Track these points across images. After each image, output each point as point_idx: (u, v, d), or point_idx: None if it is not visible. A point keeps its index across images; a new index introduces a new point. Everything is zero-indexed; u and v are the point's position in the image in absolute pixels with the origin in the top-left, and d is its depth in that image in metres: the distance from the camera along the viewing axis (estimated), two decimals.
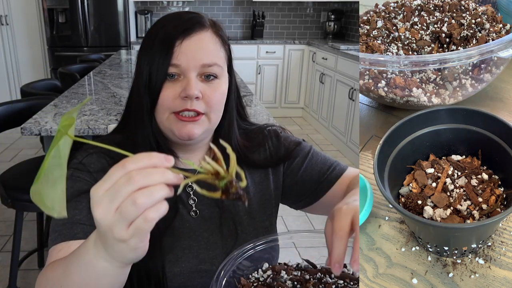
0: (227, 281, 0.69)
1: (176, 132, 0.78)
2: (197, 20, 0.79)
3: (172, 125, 0.78)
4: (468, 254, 0.77)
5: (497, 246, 0.78)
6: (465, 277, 0.75)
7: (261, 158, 0.92)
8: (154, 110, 0.79)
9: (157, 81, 0.76)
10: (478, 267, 0.76)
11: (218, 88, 0.79)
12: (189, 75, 0.76)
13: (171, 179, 0.49)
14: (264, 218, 0.91)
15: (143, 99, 0.78)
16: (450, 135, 0.84)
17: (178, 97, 0.76)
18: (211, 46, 0.79)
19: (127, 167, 0.48)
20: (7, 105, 1.97)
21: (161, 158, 0.49)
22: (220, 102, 0.81)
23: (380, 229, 0.85)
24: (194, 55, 0.76)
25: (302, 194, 0.94)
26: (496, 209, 0.74)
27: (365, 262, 0.80)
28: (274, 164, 0.93)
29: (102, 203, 0.49)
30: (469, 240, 0.74)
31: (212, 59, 0.78)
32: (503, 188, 0.79)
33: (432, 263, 0.78)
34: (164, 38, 0.77)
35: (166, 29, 0.78)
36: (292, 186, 0.94)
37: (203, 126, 0.79)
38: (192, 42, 0.77)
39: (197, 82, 0.77)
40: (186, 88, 0.75)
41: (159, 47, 0.76)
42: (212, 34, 0.80)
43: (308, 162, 0.93)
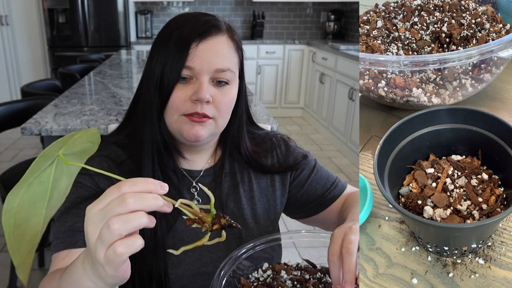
0: (227, 281, 0.69)
1: (184, 133, 0.78)
2: (214, 23, 0.78)
3: (181, 126, 0.78)
4: (468, 254, 0.77)
5: (497, 246, 0.78)
6: (465, 277, 0.75)
7: (269, 164, 0.93)
8: (164, 111, 0.78)
9: (169, 82, 0.76)
10: (478, 267, 0.76)
11: (228, 93, 0.79)
12: (201, 79, 0.76)
13: (162, 206, 0.50)
14: (268, 223, 0.92)
15: (153, 99, 0.78)
16: (450, 135, 0.84)
17: (189, 100, 0.76)
18: (226, 51, 0.78)
19: (122, 190, 0.49)
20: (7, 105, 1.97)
21: (157, 184, 0.50)
22: (229, 108, 0.81)
23: (380, 229, 0.85)
24: (209, 59, 0.76)
25: (304, 206, 0.96)
26: (496, 209, 0.74)
27: (365, 262, 0.80)
28: (282, 171, 0.93)
29: (94, 222, 0.49)
30: (469, 240, 0.74)
31: (226, 64, 0.77)
32: (503, 188, 0.79)
33: (432, 263, 0.78)
34: (180, 39, 0.76)
35: (183, 30, 0.77)
36: (296, 197, 0.95)
37: (209, 129, 0.79)
38: (208, 45, 0.76)
39: (209, 86, 0.76)
40: (198, 91, 0.75)
41: (174, 48, 0.76)
42: (228, 38, 0.79)
43: (314, 176, 0.95)
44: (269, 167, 0.92)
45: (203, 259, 0.84)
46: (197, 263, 0.84)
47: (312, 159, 0.97)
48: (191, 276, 0.83)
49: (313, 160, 0.97)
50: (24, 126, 1.66)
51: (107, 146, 0.84)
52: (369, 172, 0.95)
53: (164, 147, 0.81)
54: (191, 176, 0.87)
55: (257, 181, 0.91)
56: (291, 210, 0.99)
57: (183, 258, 0.83)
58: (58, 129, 1.66)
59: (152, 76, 0.78)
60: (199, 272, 0.84)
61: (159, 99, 0.77)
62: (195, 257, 0.84)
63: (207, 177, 0.88)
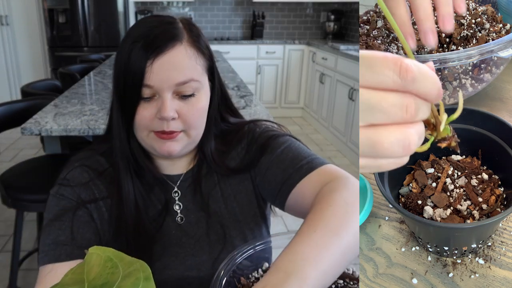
0: (227, 281, 0.69)
1: (157, 149, 0.76)
2: (169, 35, 0.73)
3: (152, 142, 0.76)
4: (468, 254, 0.77)
5: (497, 246, 0.78)
6: (465, 277, 0.75)
7: (236, 163, 0.86)
8: (133, 128, 0.77)
9: (131, 102, 0.73)
10: (478, 267, 0.76)
11: (195, 104, 0.75)
12: (163, 95, 0.72)
13: None
14: (249, 219, 0.87)
15: (119, 118, 0.77)
16: None
17: (155, 118, 0.73)
18: (186, 62, 0.73)
19: None
20: (7, 105, 1.97)
21: None
22: (199, 118, 0.77)
23: (380, 229, 0.85)
24: (167, 74, 0.72)
25: (271, 195, 0.83)
26: (496, 209, 0.74)
27: (365, 262, 0.80)
28: (246, 168, 0.86)
29: None
30: (469, 240, 0.74)
31: (187, 75, 0.73)
32: (503, 188, 0.79)
33: (432, 263, 0.78)
34: (135, 58, 0.72)
35: (137, 46, 0.72)
36: (260, 185, 0.85)
37: (182, 142, 0.77)
38: (164, 60, 0.71)
39: (172, 102, 0.73)
40: (161, 110, 0.72)
41: (130, 67, 0.72)
42: (187, 47, 0.74)
43: (274, 160, 0.81)
44: (234, 168, 0.86)
45: (187, 263, 0.83)
46: (181, 267, 0.82)
47: (280, 141, 0.83)
48: (176, 281, 0.82)
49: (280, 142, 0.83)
50: (24, 126, 1.66)
51: (91, 156, 0.84)
52: (369, 172, 0.95)
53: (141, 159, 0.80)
54: (172, 181, 0.85)
55: (228, 180, 0.87)
56: (269, 199, 0.87)
57: (167, 264, 0.82)
58: (58, 129, 1.66)
59: (116, 95, 0.77)
60: (183, 277, 0.82)
61: (124, 119, 0.76)
62: (179, 262, 0.82)
63: (187, 181, 0.85)
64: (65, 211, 0.77)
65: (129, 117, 0.75)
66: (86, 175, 0.81)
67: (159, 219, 0.83)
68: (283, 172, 0.79)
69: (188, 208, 0.85)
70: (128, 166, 0.80)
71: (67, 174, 0.81)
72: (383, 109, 0.43)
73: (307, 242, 0.56)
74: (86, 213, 0.78)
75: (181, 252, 0.83)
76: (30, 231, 2.52)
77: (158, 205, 0.83)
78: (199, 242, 0.84)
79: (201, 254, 0.83)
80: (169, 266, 0.82)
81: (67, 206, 0.77)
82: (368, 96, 0.43)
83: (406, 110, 0.43)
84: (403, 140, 0.44)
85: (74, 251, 0.75)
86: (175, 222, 0.84)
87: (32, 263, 2.31)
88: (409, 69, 0.42)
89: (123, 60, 0.73)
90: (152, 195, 0.83)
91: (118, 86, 0.75)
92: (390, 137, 0.44)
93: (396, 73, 0.42)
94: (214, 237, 0.84)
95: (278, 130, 0.88)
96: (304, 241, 0.57)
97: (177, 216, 0.84)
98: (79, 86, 2.50)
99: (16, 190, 1.77)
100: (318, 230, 0.58)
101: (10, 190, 1.76)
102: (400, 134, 0.44)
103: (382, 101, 0.43)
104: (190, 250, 0.83)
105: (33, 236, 2.45)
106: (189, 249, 0.83)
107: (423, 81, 0.43)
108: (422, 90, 0.43)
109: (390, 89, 0.43)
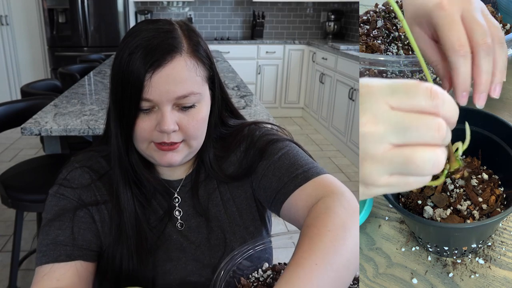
0: (227, 281, 0.69)
1: (157, 160, 0.75)
2: (168, 47, 0.70)
3: (152, 153, 0.75)
4: (468, 254, 0.77)
5: (497, 246, 0.78)
6: (465, 277, 0.75)
7: (234, 169, 0.85)
8: (131, 138, 0.75)
9: (130, 115, 0.71)
10: (478, 267, 0.76)
11: (196, 116, 0.74)
12: (163, 108, 0.71)
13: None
14: (248, 223, 0.86)
15: (117, 130, 0.75)
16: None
17: (155, 129, 0.72)
18: (186, 74, 0.71)
19: None
20: (7, 105, 1.97)
21: None
22: (199, 129, 0.76)
23: (380, 229, 0.85)
24: (167, 88, 0.69)
25: (266, 201, 0.82)
26: (496, 209, 0.74)
27: (365, 262, 0.80)
28: (244, 175, 0.84)
29: None
30: (469, 240, 0.74)
31: (187, 88, 0.71)
32: (503, 188, 0.79)
33: (432, 263, 0.78)
34: (132, 72, 0.69)
35: (134, 58, 0.69)
36: (257, 191, 0.84)
37: (183, 152, 0.76)
38: (163, 74, 0.69)
39: (172, 115, 0.71)
40: (161, 123, 0.71)
41: (128, 80, 0.69)
42: (186, 58, 0.71)
43: (271, 167, 0.80)
44: (233, 174, 0.85)
45: (188, 268, 0.82)
46: (182, 272, 0.82)
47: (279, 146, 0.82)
48: (177, 286, 0.82)
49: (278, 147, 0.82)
50: (24, 126, 1.66)
51: (91, 157, 0.84)
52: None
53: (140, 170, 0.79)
54: (172, 187, 0.84)
55: (227, 184, 0.86)
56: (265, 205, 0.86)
57: (169, 269, 0.82)
58: (58, 129, 1.65)
59: (114, 104, 0.74)
60: (185, 282, 0.82)
61: (123, 130, 0.74)
62: (181, 267, 0.82)
63: (187, 186, 0.85)
64: (65, 211, 0.76)
65: (128, 128, 0.73)
66: (87, 176, 0.81)
67: (160, 225, 0.82)
68: (278, 180, 0.78)
69: (188, 214, 0.84)
70: (127, 177, 0.78)
71: (67, 175, 0.81)
72: (418, 129, 0.48)
73: (309, 277, 0.56)
74: (87, 214, 0.78)
75: (182, 257, 0.83)
76: (30, 231, 2.53)
77: (158, 212, 0.83)
78: (200, 247, 0.83)
79: (202, 259, 0.83)
80: (171, 272, 0.82)
81: (67, 206, 0.77)
82: (402, 117, 0.48)
83: (439, 129, 0.48)
84: (434, 159, 0.48)
85: (74, 251, 0.74)
86: (175, 228, 0.83)
87: (32, 263, 2.31)
88: (439, 93, 0.48)
89: (120, 72, 0.71)
90: (153, 202, 0.83)
91: (116, 96, 0.73)
92: (423, 155, 0.48)
93: (428, 95, 0.48)
94: (214, 242, 0.84)
95: (278, 134, 0.87)
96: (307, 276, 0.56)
97: (178, 222, 0.84)
98: (79, 86, 2.50)
99: (16, 190, 1.77)
100: (319, 263, 0.57)
101: (10, 190, 1.76)
102: (432, 153, 0.48)
103: (417, 121, 0.48)
104: (191, 255, 0.83)
105: (33, 236, 2.45)
106: (190, 254, 0.83)
107: (448, 104, 0.49)
108: (448, 113, 0.49)
109: (422, 111, 0.48)
